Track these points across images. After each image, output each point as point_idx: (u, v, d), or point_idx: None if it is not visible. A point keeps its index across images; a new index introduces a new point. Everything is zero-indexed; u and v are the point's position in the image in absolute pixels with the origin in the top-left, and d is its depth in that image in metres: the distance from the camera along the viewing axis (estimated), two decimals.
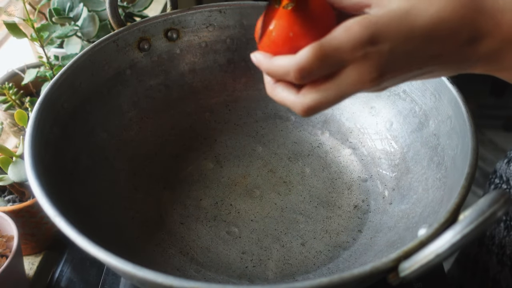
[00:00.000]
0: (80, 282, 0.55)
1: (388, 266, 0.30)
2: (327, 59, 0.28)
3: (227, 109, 0.63)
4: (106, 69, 0.53)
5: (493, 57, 0.29)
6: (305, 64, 0.28)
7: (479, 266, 0.59)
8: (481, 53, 0.29)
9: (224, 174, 0.57)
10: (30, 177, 0.37)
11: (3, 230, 0.51)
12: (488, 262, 0.57)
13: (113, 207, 0.49)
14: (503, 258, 0.54)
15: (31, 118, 0.42)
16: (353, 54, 0.28)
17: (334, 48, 0.28)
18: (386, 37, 0.27)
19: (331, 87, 0.29)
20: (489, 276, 0.57)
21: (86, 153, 0.50)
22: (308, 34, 0.30)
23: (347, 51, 0.28)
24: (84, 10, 0.63)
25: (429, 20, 0.27)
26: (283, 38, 0.31)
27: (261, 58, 0.31)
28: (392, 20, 0.28)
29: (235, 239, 0.50)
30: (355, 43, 0.27)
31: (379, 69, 0.28)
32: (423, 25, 0.27)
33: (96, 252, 0.32)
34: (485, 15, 0.28)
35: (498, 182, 0.59)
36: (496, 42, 0.28)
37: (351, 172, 0.57)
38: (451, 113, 0.46)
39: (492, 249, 0.57)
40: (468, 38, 0.28)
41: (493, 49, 0.29)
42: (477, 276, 0.60)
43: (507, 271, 0.53)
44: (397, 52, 0.28)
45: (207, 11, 0.58)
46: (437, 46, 0.28)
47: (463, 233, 0.28)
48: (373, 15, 0.28)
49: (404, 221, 0.48)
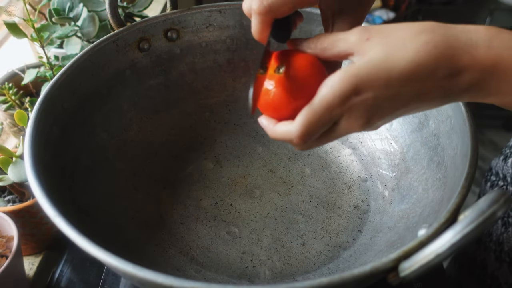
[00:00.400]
0: (80, 282, 0.55)
1: (388, 266, 0.30)
2: (321, 121, 0.31)
3: (227, 109, 0.63)
4: (106, 69, 0.53)
5: (477, 87, 0.31)
6: (304, 131, 0.31)
7: (477, 264, 0.59)
8: (463, 85, 0.30)
9: (224, 174, 0.57)
10: (30, 177, 0.37)
11: (3, 230, 0.50)
12: (486, 259, 0.57)
13: (113, 207, 0.49)
14: (501, 254, 0.54)
15: (31, 118, 0.42)
16: (341, 108, 0.30)
17: (325, 109, 0.30)
18: (367, 86, 0.29)
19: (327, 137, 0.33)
20: (487, 273, 0.57)
21: (86, 153, 0.50)
22: (304, 92, 0.33)
23: (336, 107, 0.30)
24: (84, 10, 0.63)
25: (406, 65, 0.29)
26: (282, 102, 0.34)
27: (265, 124, 0.35)
28: (372, 69, 0.29)
29: (235, 239, 0.50)
30: (342, 98, 0.30)
31: (366, 116, 0.31)
32: (401, 70, 0.29)
33: (96, 252, 0.32)
34: (460, 51, 0.29)
35: (495, 179, 0.59)
36: (476, 74, 0.30)
37: (351, 172, 0.57)
38: (451, 113, 0.46)
39: (490, 246, 0.57)
40: (446, 74, 0.30)
41: (475, 80, 0.30)
42: (475, 274, 0.60)
43: (505, 268, 0.53)
44: (380, 98, 0.30)
45: (207, 11, 0.58)
46: (417, 87, 0.30)
47: (463, 233, 0.28)
48: (354, 67, 0.30)
49: (404, 221, 0.48)
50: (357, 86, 0.29)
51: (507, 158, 0.57)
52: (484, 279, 0.57)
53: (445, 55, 0.29)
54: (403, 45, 0.29)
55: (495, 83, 0.30)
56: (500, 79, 0.30)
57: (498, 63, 0.29)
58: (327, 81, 0.30)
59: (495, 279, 0.55)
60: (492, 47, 0.29)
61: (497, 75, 0.30)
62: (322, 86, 0.31)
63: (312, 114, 0.31)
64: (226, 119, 0.63)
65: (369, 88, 0.29)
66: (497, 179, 0.59)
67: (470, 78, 0.30)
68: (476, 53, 0.29)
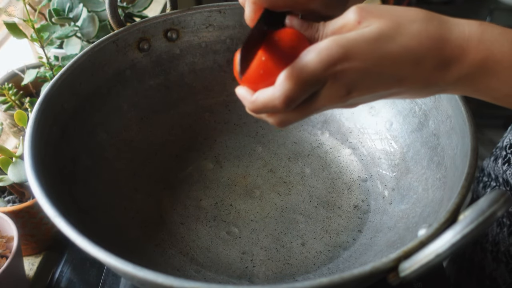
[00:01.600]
0: (80, 283, 0.55)
1: (388, 266, 0.30)
2: (305, 82, 0.29)
3: (227, 109, 0.63)
4: (106, 70, 0.53)
5: (465, 82, 0.31)
6: (287, 93, 0.29)
7: (475, 265, 0.59)
8: (451, 78, 0.30)
9: (224, 174, 0.57)
10: (30, 177, 0.37)
11: (3, 230, 0.50)
12: (483, 260, 0.57)
13: (113, 207, 0.49)
14: (498, 255, 0.54)
15: (31, 119, 0.42)
16: (326, 73, 0.29)
17: (310, 71, 0.29)
18: (355, 57, 0.29)
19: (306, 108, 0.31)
20: (485, 274, 0.57)
21: (86, 153, 0.50)
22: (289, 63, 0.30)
23: (321, 71, 0.29)
24: (84, 10, 0.63)
25: (397, 48, 0.29)
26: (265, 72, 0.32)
27: (244, 94, 0.33)
28: (363, 43, 0.29)
29: (235, 239, 0.50)
30: (327, 63, 0.29)
31: (347, 87, 0.30)
32: (391, 51, 0.29)
33: (96, 252, 0.32)
34: (451, 44, 0.30)
35: (487, 180, 0.59)
36: (465, 67, 0.30)
37: (351, 172, 0.57)
38: (451, 113, 0.46)
39: (486, 247, 0.57)
40: (434, 65, 0.30)
41: (463, 74, 0.30)
42: (473, 275, 0.60)
43: (503, 268, 0.53)
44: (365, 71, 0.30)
45: (206, 11, 0.58)
46: (402, 71, 0.30)
47: (463, 233, 0.28)
48: (344, 37, 0.29)
49: (404, 221, 0.48)
50: (345, 54, 0.29)
51: (497, 158, 0.58)
52: (482, 279, 0.57)
53: (436, 47, 0.29)
54: (397, 29, 0.29)
55: (483, 79, 0.30)
56: (489, 74, 0.30)
57: (487, 58, 0.30)
58: (312, 47, 0.29)
59: (493, 280, 0.55)
60: (483, 41, 0.29)
61: (486, 70, 0.30)
62: (307, 51, 0.29)
63: (297, 74, 0.29)
64: (226, 119, 0.63)
65: (357, 59, 0.29)
66: (489, 180, 0.59)
67: (458, 71, 0.30)
68: (466, 46, 0.30)
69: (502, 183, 0.55)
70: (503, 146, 0.57)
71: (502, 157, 0.56)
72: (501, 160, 0.56)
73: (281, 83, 0.29)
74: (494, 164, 0.58)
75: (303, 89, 0.29)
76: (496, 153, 0.59)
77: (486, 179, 0.60)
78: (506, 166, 0.55)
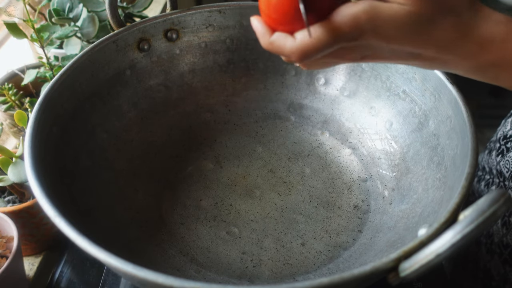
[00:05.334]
0: (80, 283, 0.54)
1: (388, 266, 0.30)
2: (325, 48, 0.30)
3: (227, 109, 0.63)
4: (106, 70, 0.53)
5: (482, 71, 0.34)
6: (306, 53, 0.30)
7: (469, 258, 0.59)
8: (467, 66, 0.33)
9: (224, 174, 0.57)
10: (30, 177, 0.37)
11: (3, 231, 0.50)
12: (477, 253, 0.57)
13: (113, 207, 0.49)
14: (491, 246, 0.54)
15: (31, 119, 0.42)
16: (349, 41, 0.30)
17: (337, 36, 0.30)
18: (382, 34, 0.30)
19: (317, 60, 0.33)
20: (479, 267, 0.57)
21: (86, 153, 0.50)
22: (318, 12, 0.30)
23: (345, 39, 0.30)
24: (84, 10, 0.63)
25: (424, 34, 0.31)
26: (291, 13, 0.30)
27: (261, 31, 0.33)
28: (393, 22, 0.30)
29: (235, 239, 0.50)
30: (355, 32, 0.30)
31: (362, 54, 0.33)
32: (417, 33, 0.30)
33: (96, 252, 0.32)
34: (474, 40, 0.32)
35: (481, 174, 0.60)
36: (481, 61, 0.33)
37: (351, 172, 0.57)
38: (451, 113, 0.46)
39: (480, 240, 0.57)
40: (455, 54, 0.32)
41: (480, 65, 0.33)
42: (468, 269, 0.60)
43: (496, 259, 0.53)
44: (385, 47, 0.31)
45: (206, 12, 0.58)
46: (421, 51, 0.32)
47: (463, 233, 0.28)
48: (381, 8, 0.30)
49: (404, 221, 0.48)
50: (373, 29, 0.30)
51: (491, 151, 0.58)
52: (476, 273, 0.57)
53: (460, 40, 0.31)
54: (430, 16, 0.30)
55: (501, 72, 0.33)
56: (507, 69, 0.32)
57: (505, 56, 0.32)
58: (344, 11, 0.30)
59: (487, 272, 0.55)
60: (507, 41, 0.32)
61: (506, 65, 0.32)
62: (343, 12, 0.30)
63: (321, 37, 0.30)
64: (226, 119, 0.63)
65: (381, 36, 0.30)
66: (483, 173, 0.59)
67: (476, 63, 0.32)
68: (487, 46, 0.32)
69: (496, 174, 0.56)
70: (496, 139, 0.58)
71: (496, 149, 0.57)
72: (495, 152, 0.57)
73: (301, 40, 0.30)
74: (488, 157, 0.59)
75: (321, 50, 0.30)
76: (490, 147, 0.60)
77: (480, 173, 0.60)
78: (499, 157, 0.55)
